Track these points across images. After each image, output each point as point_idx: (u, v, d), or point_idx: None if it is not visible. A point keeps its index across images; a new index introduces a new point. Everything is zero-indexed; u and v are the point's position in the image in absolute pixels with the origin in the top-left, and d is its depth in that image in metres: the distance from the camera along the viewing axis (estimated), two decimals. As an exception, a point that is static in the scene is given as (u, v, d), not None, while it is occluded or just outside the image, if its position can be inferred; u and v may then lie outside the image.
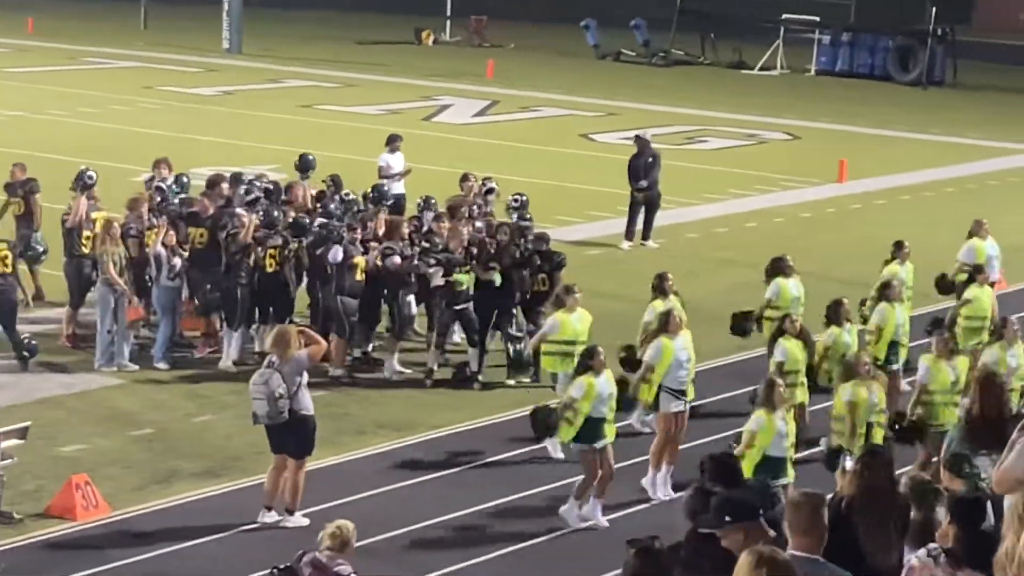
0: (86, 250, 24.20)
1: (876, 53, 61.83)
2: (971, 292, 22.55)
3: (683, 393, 19.37)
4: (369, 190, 26.02)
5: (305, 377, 17.76)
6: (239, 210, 23.97)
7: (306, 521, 17.62)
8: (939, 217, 33.45)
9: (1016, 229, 32.18)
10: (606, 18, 65.83)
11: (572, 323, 20.86)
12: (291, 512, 17.81)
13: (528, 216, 25.48)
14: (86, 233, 24.25)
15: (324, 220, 23.73)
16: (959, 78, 59.94)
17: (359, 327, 23.71)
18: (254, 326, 24.02)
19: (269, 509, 17.86)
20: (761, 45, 62.90)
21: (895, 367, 21.46)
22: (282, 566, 12.92)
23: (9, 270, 23.07)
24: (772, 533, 11.26)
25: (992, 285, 23.77)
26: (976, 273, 22.99)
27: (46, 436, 19.99)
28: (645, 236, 31.92)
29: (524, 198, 26.13)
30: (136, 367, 23.27)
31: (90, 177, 24.89)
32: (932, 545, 11.06)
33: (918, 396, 18.59)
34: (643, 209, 31.91)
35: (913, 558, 11.12)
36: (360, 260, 23.17)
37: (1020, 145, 46.74)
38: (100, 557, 17.14)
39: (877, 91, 57.92)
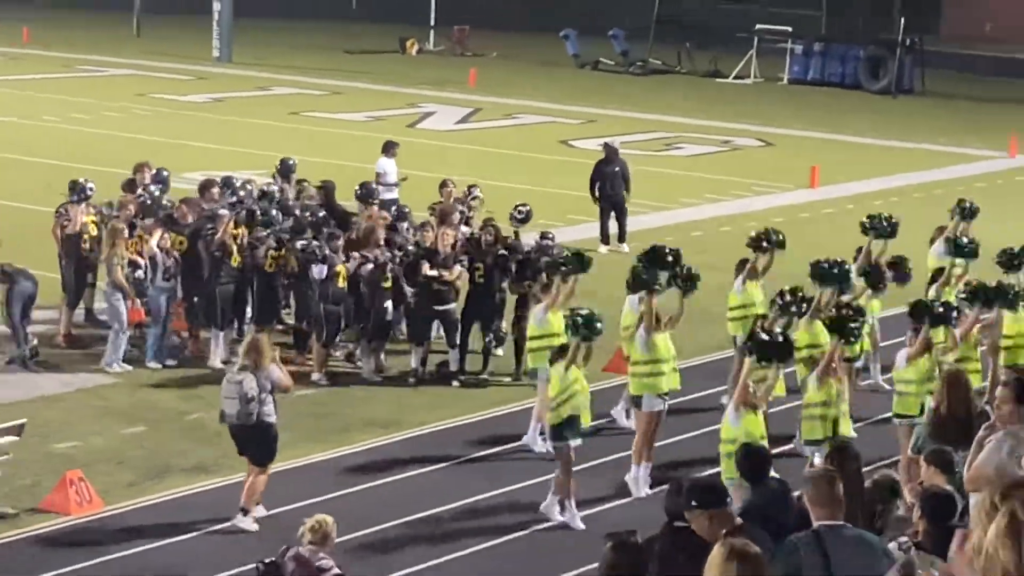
0: (84, 255, 24.30)
1: (847, 62, 61.93)
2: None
3: (665, 393, 19.39)
4: (357, 187, 26.14)
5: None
6: (221, 211, 24.00)
7: (255, 526, 17.61)
8: (907, 221, 33.45)
9: (985, 230, 32.21)
10: (585, 28, 65.87)
11: (556, 320, 20.85)
12: (245, 512, 17.73)
13: (548, 236, 25.14)
14: (84, 238, 24.34)
15: (305, 242, 23.64)
16: (927, 86, 60.08)
17: (347, 330, 23.74)
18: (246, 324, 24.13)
19: (257, 504, 17.86)
20: (735, 55, 62.99)
21: (858, 364, 21.53)
22: (267, 560, 12.93)
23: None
24: (738, 520, 11.36)
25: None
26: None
27: (41, 433, 20.00)
28: (620, 239, 32.01)
29: (527, 209, 26.12)
30: (130, 367, 23.28)
31: (90, 188, 24.93)
32: (902, 539, 11.10)
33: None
34: (612, 214, 32.14)
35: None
36: (341, 268, 23.18)
37: (986, 152, 46.86)
38: (94, 551, 17.15)
39: (848, 99, 58.03)
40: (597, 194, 32.42)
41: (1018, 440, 11.05)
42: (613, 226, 32.17)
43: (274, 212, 24.91)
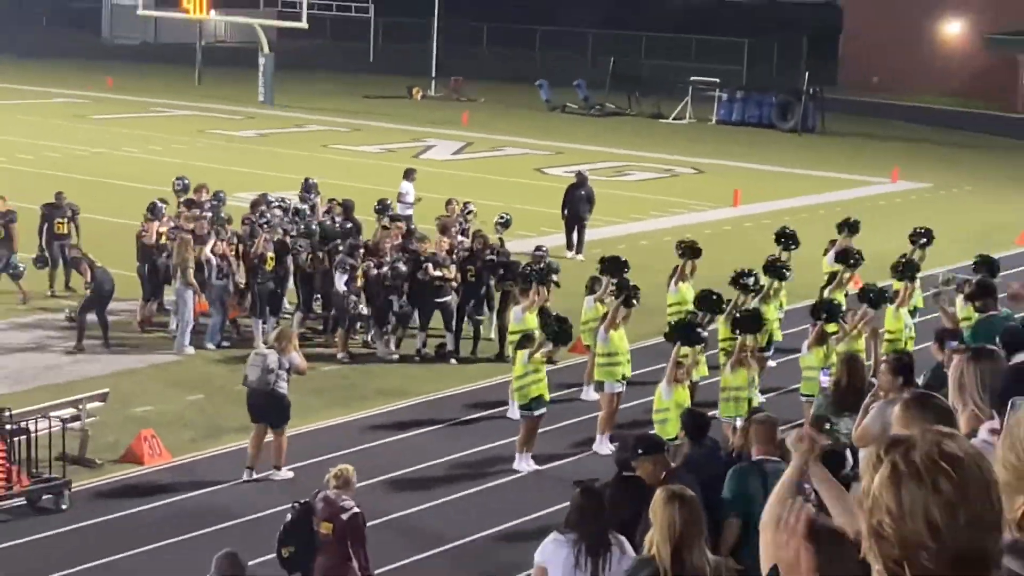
0: (155, 260, 24.32)
1: (763, 107, 61.91)
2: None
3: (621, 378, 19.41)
4: (376, 204, 26.23)
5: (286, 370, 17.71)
6: (261, 225, 24.11)
7: (291, 475, 17.60)
8: (812, 234, 33.52)
9: (871, 241, 32.29)
10: (555, 79, 65.86)
11: (532, 317, 20.86)
12: (278, 468, 17.69)
13: (541, 249, 24.89)
14: (159, 245, 24.36)
15: (339, 254, 23.58)
16: (827, 127, 60.11)
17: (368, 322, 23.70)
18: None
19: (250, 469, 17.71)
20: (674, 100, 63.00)
21: (769, 353, 21.52)
22: (302, 500, 12.93)
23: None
24: (672, 464, 11.45)
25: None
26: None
27: (121, 400, 19.98)
28: (577, 251, 31.76)
29: (508, 216, 26.35)
30: (193, 349, 23.25)
31: (163, 207, 25.07)
32: (806, 486, 11.14)
33: None
34: (576, 227, 32.02)
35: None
36: (360, 270, 23.21)
37: (873, 178, 46.91)
38: (164, 494, 17.16)
39: (763, 136, 58.08)
40: (565, 212, 32.22)
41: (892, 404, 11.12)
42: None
43: (302, 226, 24.99)
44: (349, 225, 25.09)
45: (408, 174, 31.45)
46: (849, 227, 25.46)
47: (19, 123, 50.71)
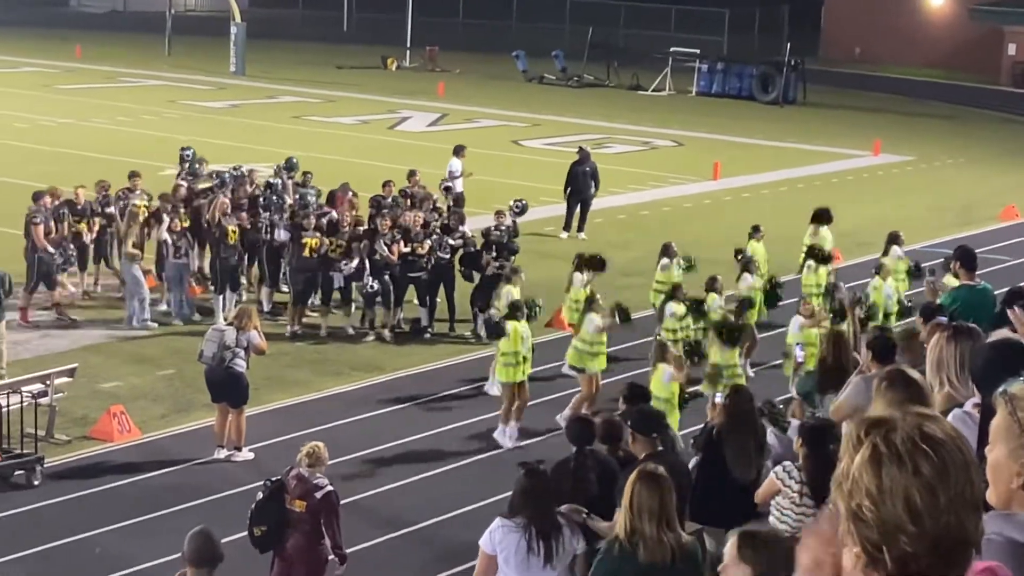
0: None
1: (743, 79, 61.93)
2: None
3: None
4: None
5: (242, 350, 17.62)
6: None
7: (251, 455, 17.55)
8: (792, 207, 33.62)
9: (851, 215, 32.40)
10: (533, 49, 65.76)
11: (517, 294, 20.86)
12: (239, 448, 17.65)
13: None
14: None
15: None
16: (808, 99, 60.18)
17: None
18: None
19: (220, 447, 17.67)
20: (654, 72, 62.98)
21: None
22: (274, 478, 12.92)
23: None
24: (659, 448, 11.49)
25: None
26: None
27: (89, 375, 19.93)
28: (580, 229, 31.32)
29: (524, 203, 26.16)
30: (156, 324, 23.19)
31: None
32: (787, 463, 11.16)
33: None
34: (579, 205, 31.56)
35: (772, 473, 11.23)
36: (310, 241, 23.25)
37: (855, 151, 47.00)
38: (133, 471, 17.14)
39: (744, 108, 58.11)
40: (568, 189, 31.41)
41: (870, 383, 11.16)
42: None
43: (274, 199, 24.90)
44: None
45: (458, 151, 31.29)
46: (821, 218, 25.25)
47: (-15, 93, 50.44)
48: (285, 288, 24.42)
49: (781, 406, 14.45)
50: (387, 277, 23.16)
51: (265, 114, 49.25)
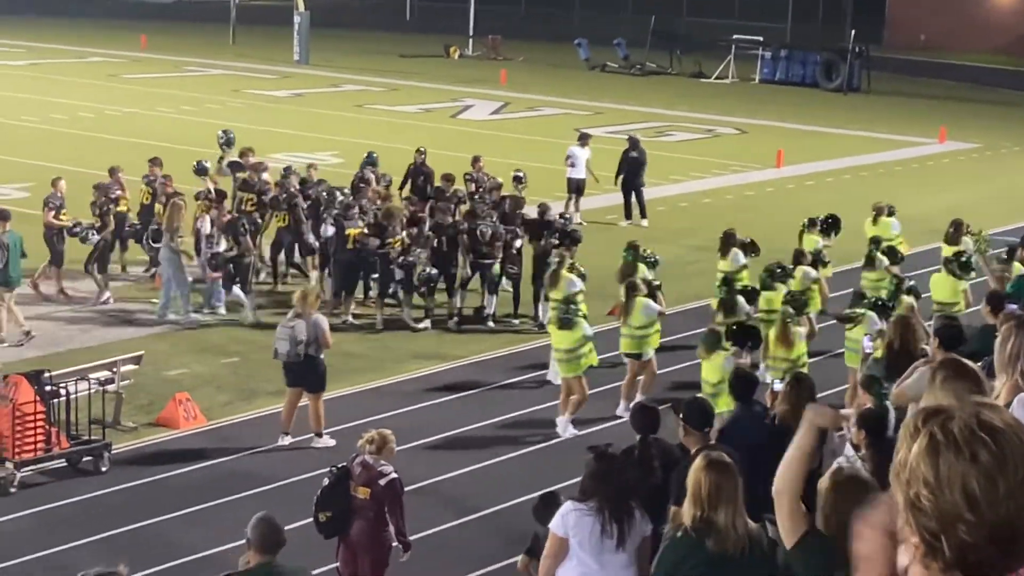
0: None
1: (807, 66, 61.62)
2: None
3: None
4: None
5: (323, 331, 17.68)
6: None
7: (332, 442, 17.59)
8: (857, 195, 33.45)
9: (915, 203, 32.20)
10: (595, 38, 65.67)
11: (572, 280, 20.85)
12: (319, 435, 17.75)
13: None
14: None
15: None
16: (872, 86, 59.80)
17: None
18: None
19: (286, 434, 17.76)
20: (716, 59, 62.77)
21: (812, 314, 21.44)
22: (339, 464, 12.99)
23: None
24: (711, 441, 11.48)
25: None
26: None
27: (154, 363, 20.10)
28: (642, 215, 31.36)
29: (522, 173, 26.55)
30: (224, 312, 23.33)
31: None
32: (849, 452, 11.12)
33: None
34: (632, 193, 31.59)
35: (835, 463, 11.18)
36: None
37: (919, 139, 46.67)
38: (198, 457, 17.28)
39: (807, 96, 57.81)
40: (620, 178, 31.46)
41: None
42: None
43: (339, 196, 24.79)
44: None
45: (582, 138, 31.31)
46: (821, 225, 24.72)
47: (53, 83, 50.90)
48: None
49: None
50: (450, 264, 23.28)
51: (329, 103, 49.44)
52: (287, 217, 24.51)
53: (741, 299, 19.76)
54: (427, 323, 23.08)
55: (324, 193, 24.53)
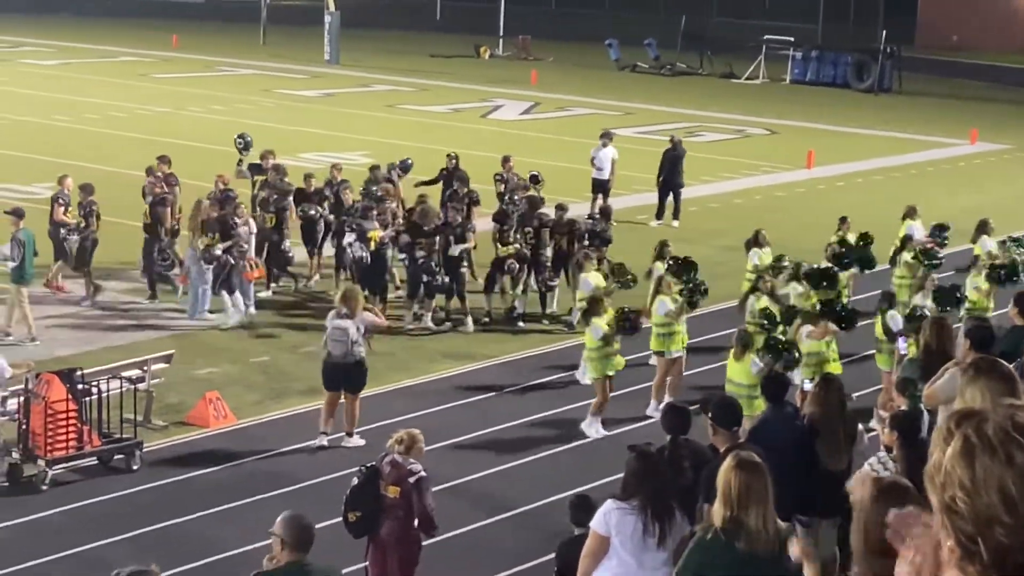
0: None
1: (838, 66, 61.46)
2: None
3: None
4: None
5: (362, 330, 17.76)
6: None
7: (363, 442, 17.58)
8: (887, 196, 33.34)
9: (948, 204, 32.08)
10: (625, 38, 65.60)
11: (596, 280, 20.86)
12: (350, 435, 17.78)
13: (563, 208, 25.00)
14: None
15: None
16: (904, 87, 59.60)
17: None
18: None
19: (324, 434, 17.76)
20: (747, 60, 62.64)
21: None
22: (369, 464, 13.00)
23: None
24: (740, 440, 11.46)
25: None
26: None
27: (184, 362, 20.14)
28: (675, 216, 31.32)
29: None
30: (256, 312, 23.36)
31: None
32: (880, 454, 11.08)
33: None
34: (670, 194, 31.52)
35: (866, 464, 11.14)
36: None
37: (951, 140, 46.50)
38: (228, 456, 17.31)
39: (838, 96, 57.64)
40: (661, 178, 31.47)
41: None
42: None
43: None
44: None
45: (605, 137, 31.25)
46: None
47: (85, 82, 51.12)
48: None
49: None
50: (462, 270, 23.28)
51: (359, 103, 49.51)
52: (274, 219, 24.61)
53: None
54: (427, 320, 23.12)
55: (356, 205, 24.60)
